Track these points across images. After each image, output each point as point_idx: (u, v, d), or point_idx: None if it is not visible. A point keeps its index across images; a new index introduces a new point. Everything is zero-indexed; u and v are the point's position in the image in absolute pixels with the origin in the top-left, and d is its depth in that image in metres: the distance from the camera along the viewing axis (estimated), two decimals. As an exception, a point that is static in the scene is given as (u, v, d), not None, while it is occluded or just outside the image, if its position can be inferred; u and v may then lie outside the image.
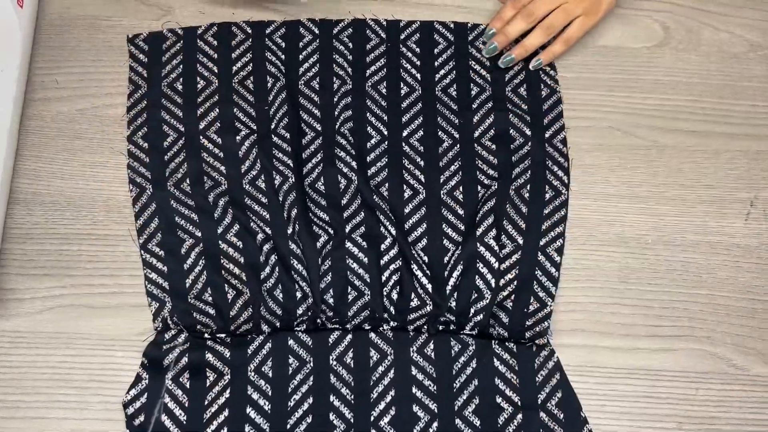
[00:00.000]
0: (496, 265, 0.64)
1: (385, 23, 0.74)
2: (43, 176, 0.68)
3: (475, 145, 0.69)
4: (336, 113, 0.70)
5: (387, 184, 0.68)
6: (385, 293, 0.64)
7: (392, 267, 0.65)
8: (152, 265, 0.65)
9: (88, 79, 0.72)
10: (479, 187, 0.68)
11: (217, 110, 0.70)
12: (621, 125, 0.71)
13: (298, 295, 0.63)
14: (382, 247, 0.65)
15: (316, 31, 0.73)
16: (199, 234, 0.65)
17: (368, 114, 0.70)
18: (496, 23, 0.72)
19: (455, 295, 0.64)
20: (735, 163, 0.70)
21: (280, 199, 0.66)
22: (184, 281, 0.64)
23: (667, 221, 0.67)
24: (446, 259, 0.65)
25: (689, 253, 0.66)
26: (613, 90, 0.72)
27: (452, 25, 0.74)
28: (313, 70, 0.72)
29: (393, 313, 0.63)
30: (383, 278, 0.64)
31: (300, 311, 0.63)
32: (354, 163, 0.68)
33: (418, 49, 0.73)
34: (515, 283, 0.64)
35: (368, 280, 0.64)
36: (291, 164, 0.67)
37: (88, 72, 0.72)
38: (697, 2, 0.76)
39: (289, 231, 0.65)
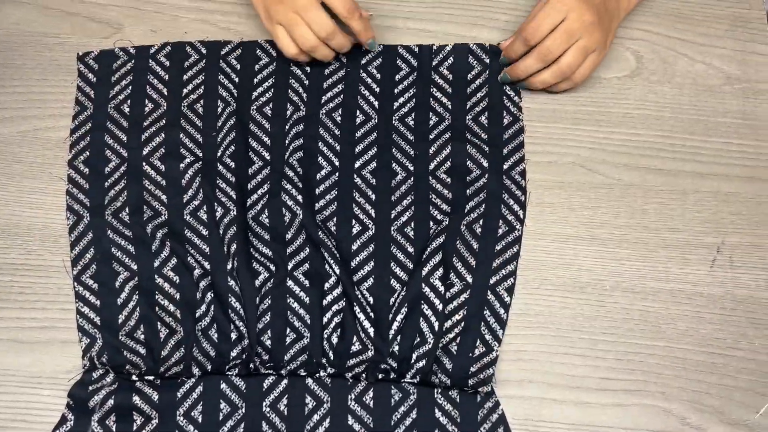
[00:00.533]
0: (440, 307, 0.61)
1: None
2: (-22, 202, 0.65)
3: (430, 177, 0.66)
4: (286, 142, 0.67)
5: (335, 218, 0.65)
6: (325, 336, 0.61)
7: (335, 308, 0.62)
8: (85, 299, 0.62)
9: (31, 100, 0.69)
10: (431, 223, 0.65)
11: (163, 135, 0.67)
12: (585, 161, 0.67)
13: (233, 335, 0.61)
14: (326, 286, 0.63)
15: (274, 54, 0.70)
16: (135, 267, 0.63)
17: (320, 143, 0.67)
18: (509, 54, 0.67)
19: (398, 339, 0.61)
20: (703, 205, 0.66)
21: (221, 231, 0.64)
22: (116, 316, 0.62)
23: (627, 266, 0.64)
24: (392, 300, 0.62)
25: (649, 301, 0.63)
26: (579, 123, 0.69)
27: (416, 49, 0.70)
28: (267, 95, 0.69)
29: (332, 358, 0.61)
30: (325, 320, 0.62)
31: (234, 353, 0.60)
32: (300, 197, 0.65)
33: (378, 75, 0.70)
34: (462, 324, 0.61)
35: (308, 322, 0.61)
36: (234, 196, 0.65)
37: (31, 92, 0.69)
38: (674, 30, 0.72)
39: (229, 266, 0.62)
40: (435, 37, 0.72)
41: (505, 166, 0.66)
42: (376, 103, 0.69)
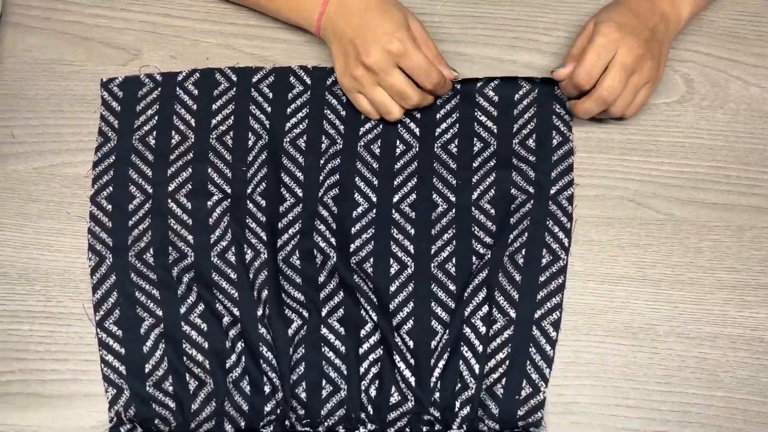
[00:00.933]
0: (480, 348, 0.58)
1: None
2: (-6, 244, 0.62)
3: (473, 208, 0.62)
4: (321, 177, 0.63)
5: (372, 259, 0.61)
6: (363, 387, 0.58)
7: (372, 357, 0.59)
8: (109, 346, 0.59)
9: (46, 133, 0.65)
10: (473, 258, 0.61)
11: (190, 170, 0.63)
12: (634, 195, 0.63)
13: (267, 388, 0.57)
14: (362, 333, 0.59)
15: (308, 81, 0.66)
16: (161, 313, 0.60)
17: (357, 178, 0.63)
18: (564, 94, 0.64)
19: (439, 385, 0.57)
20: (761, 243, 0.62)
21: (251, 276, 0.60)
22: (143, 365, 0.58)
23: (682, 309, 0.60)
24: (433, 343, 0.59)
25: (705, 347, 0.59)
26: (627, 153, 0.65)
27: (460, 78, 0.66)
28: (301, 126, 0.65)
29: (371, 412, 0.57)
30: (362, 370, 0.58)
31: (268, 408, 0.57)
32: (333, 239, 0.61)
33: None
34: (506, 363, 0.58)
35: (345, 373, 0.58)
36: (264, 237, 0.61)
37: (46, 125, 0.66)
38: (725, 51, 0.68)
39: (259, 313, 0.59)
40: (471, 60, 0.67)
41: (552, 191, 0.62)
42: (417, 131, 0.64)
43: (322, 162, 0.63)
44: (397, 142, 0.64)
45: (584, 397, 0.58)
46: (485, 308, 0.59)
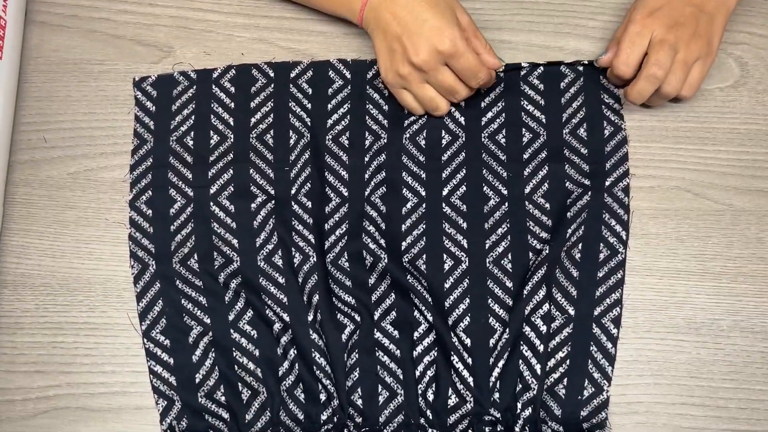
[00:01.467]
0: (540, 348, 0.56)
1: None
2: (32, 254, 0.60)
3: (526, 202, 0.60)
4: (366, 176, 0.61)
5: (425, 256, 0.59)
6: (420, 391, 0.56)
7: (426, 359, 0.57)
8: (157, 357, 0.57)
9: (79, 136, 0.63)
10: (530, 254, 0.59)
11: (231, 171, 0.61)
12: (691, 185, 0.61)
13: (322, 396, 0.56)
14: (416, 335, 0.57)
15: (348, 75, 0.64)
16: (208, 321, 0.58)
17: (404, 173, 0.61)
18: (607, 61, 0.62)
19: (498, 385, 0.56)
20: (824, 231, 0.60)
21: (300, 280, 0.58)
22: (193, 376, 0.57)
23: (745, 303, 0.58)
24: (492, 342, 0.57)
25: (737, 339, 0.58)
26: (681, 142, 0.62)
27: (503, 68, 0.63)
28: (343, 122, 0.62)
29: (430, 416, 0.56)
30: (417, 373, 0.57)
31: (324, 417, 0.56)
32: (382, 240, 0.59)
33: None
34: (567, 362, 0.56)
35: (401, 377, 0.57)
36: (312, 239, 0.59)
37: (79, 127, 0.63)
38: (779, 32, 0.65)
39: (310, 318, 0.57)
40: (516, 48, 0.65)
41: (607, 183, 0.60)
42: (462, 120, 0.62)
43: (367, 159, 0.61)
44: (443, 132, 0.62)
45: (648, 396, 0.57)
46: (546, 306, 0.57)
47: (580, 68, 0.63)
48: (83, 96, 0.64)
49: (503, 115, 0.62)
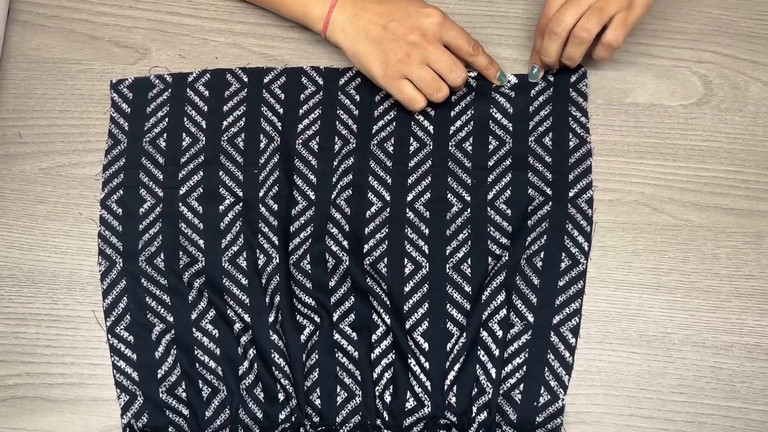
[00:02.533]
0: (497, 352, 0.57)
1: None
2: (1, 246, 0.61)
3: (488, 208, 0.61)
4: (334, 179, 0.62)
5: (386, 259, 0.60)
6: (377, 392, 0.57)
7: (384, 362, 0.58)
8: (120, 352, 0.58)
9: (53, 133, 0.65)
10: (489, 259, 0.60)
11: (201, 173, 0.62)
12: (650, 200, 0.62)
13: (281, 396, 0.57)
14: (374, 337, 0.58)
15: (320, 82, 0.65)
16: (171, 319, 0.59)
17: (370, 177, 0.62)
18: (534, 58, 0.64)
19: (454, 389, 0.56)
20: (780, 250, 0.61)
21: (263, 281, 0.59)
22: (155, 372, 0.58)
23: (698, 318, 0.59)
24: (449, 346, 0.58)
25: (721, 357, 0.58)
26: (643, 157, 0.63)
27: (473, 74, 0.65)
28: (313, 128, 0.64)
29: (386, 418, 0.56)
30: (375, 375, 0.57)
31: (283, 416, 0.56)
32: (345, 242, 0.60)
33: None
34: (524, 368, 0.57)
35: (359, 378, 0.57)
36: (276, 241, 0.60)
37: (54, 125, 0.65)
38: (746, 52, 0.66)
39: (270, 319, 0.58)
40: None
41: (570, 194, 0.61)
42: (431, 128, 0.63)
43: (335, 163, 0.62)
44: (411, 139, 0.63)
45: (597, 406, 0.57)
46: (503, 312, 0.58)
47: (551, 78, 0.64)
48: (59, 94, 0.66)
49: (471, 123, 0.63)
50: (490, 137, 0.63)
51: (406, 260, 0.60)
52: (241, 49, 0.67)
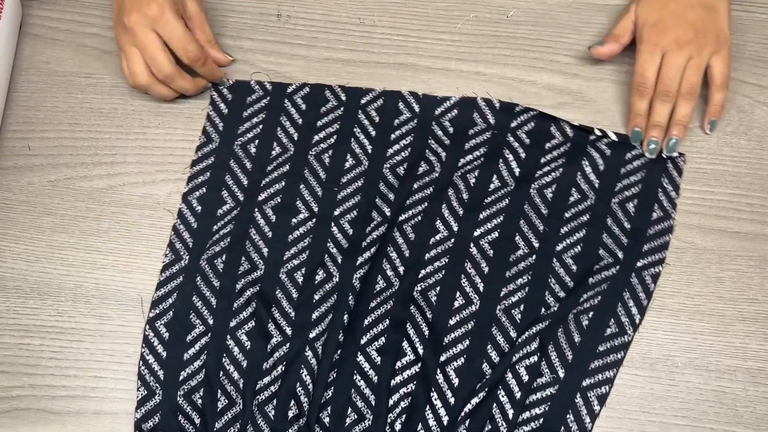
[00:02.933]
0: (518, 395, 0.56)
1: (497, 105, 0.65)
2: (7, 257, 0.62)
3: (554, 259, 0.60)
4: (407, 203, 0.62)
5: (438, 288, 0.59)
6: (389, 420, 0.57)
7: (403, 390, 0.57)
8: (152, 346, 0.59)
9: (62, 146, 0.65)
10: (543, 310, 0.59)
11: (283, 183, 0.63)
12: (654, 222, 0.62)
13: (291, 413, 0.57)
14: (398, 364, 0.58)
15: (416, 109, 0.65)
16: (212, 322, 0.59)
17: (444, 206, 0.61)
18: (637, 120, 0.63)
19: (467, 423, 0.56)
20: (785, 274, 0.61)
21: (315, 297, 0.59)
22: (179, 372, 0.58)
23: (701, 341, 0.59)
24: (478, 385, 0.57)
25: (725, 381, 0.58)
26: (648, 179, 0.63)
27: (575, 122, 0.64)
28: (403, 153, 0.64)
29: None
30: (391, 402, 0.57)
31: None
32: (402, 268, 0.60)
33: (527, 140, 0.63)
34: (540, 421, 0.56)
35: (373, 403, 0.57)
36: (341, 261, 0.60)
37: (63, 137, 0.66)
38: (751, 76, 0.66)
39: (311, 335, 0.58)
40: (489, 81, 0.67)
41: (639, 263, 0.59)
42: (517, 170, 0.63)
43: (415, 186, 0.62)
44: (494, 177, 0.62)
45: (599, 429, 0.57)
46: (533, 358, 0.57)
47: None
48: (69, 107, 0.66)
49: (558, 171, 0.62)
50: (573, 189, 0.62)
51: (458, 293, 0.59)
52: (250, 65, 0.67)
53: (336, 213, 0.62)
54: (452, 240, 0.60)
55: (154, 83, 0.62)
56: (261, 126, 0.64)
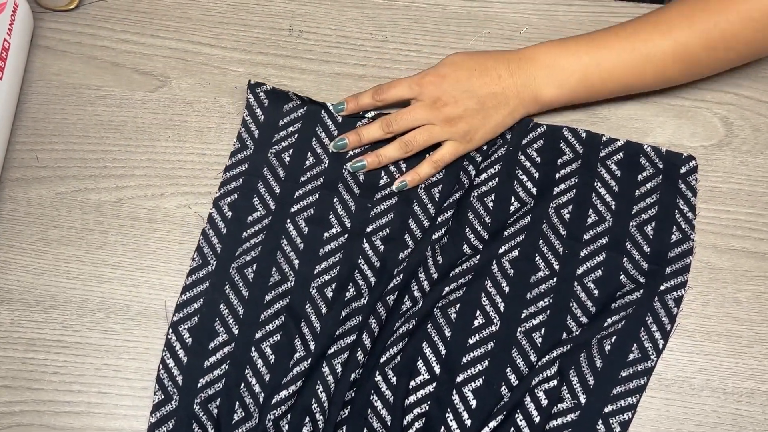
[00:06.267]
0: (537, 419, 0.55)
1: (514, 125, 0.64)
2: (13, 270, 0.61)
3: (575, 283, 0.59)
4: (438, 221, 0.61)
5: (458, 306, 0.58)
6: None
7: (417, 410, 0.56)
8: (174, 351, 0.57)
9: (71, 158, 0.65)
10: (564, 334, 0.58)
11: (317, 195, 0.62)
12: (669, 241, 0.61)
13: (305, 430, 0.55)
14: (412, 383, 0.57)
15: None
16: (236, 332, 0.58)
17: (467, 229, 0.61)
18: (351, 104, 0.64)
19: None
20: (802, 295, 0.60)
21: (343, 313, 0.58)
22: (198, 380, 0.57)
23: (718, 363, 0.58)
24: (496, 408, 0.56)
25: (742, 404, 0.57)
26: (662, 197, 0.63)
27: (583, 135, 0.64)
28: (437, 175, 0.63)
29: None
30: (405, 422, 0.56)
31: None
32: (427, 286, 0.59)
33: (538, 159, 0.63)
34: None
35: (388, 423, 0.56)
36: (373, 281, 0.59)
37: (71, 149, 0.65)
38: (766, 94, 0.66)
39: (330, 351, 0.57)
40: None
41: (662, 287, 0.59)
42: (533, 190, 0.62)
43: (443, 206, 0.62)
44: (512, 198, 0.62)
45: (614, 451, 0.56)
46: (553, 382, 0.56)
47: (660, 165, 0.63)
48: (78, 119, 0.66)
49: (574, 191, 0.62)
50: (590, 210, 0.61)
51: (478, 312, 0.58)
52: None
53: (369, 229, 0.61)
54: (476, 258, 0.60)
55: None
56: (296, 135, 0.64)
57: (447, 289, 0.59)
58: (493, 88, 0.61)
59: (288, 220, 0.61)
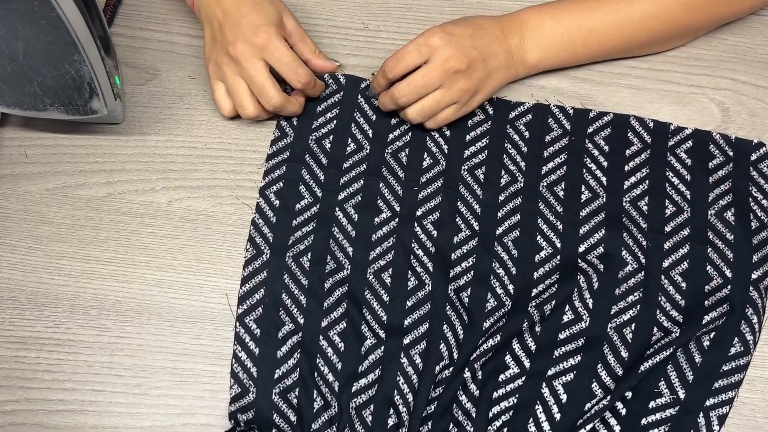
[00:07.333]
0: (623, 412, 0.54)
1: (571, 112, 0.64)
2: (3, 267, 0.60)
3: (662, 277, 0.58)
4: (499, 215, 0.60)
5: (553, 302, 0.57)
6: None
7: (504, 404, 0.55)
8: (244, 343, 0.57)
9: (60, 153, 0.64)
10: (655, 329, 0.56)
11: (362, 182, 0.62)
12: (667, 228, 0.61)
13: (390, 421, 0.54)
14: (501, 377, 0.56)
15: (490, 111, 0.64)
16: (302, 321, 0.58)
17: (540, 220, 0.60)
18: (374, 86, 0.63)
19: None
20: (802, 281, 0.59)
21: (408, 303, 0.58)
22: (274, 371, 0.56)
23: None
24: (587, 405, 0.55)
25: (744, 391, 0.56)
26: (660, 184, 0.62)
27: (651, 124, 0.63)
28: (480, 156, 0.62)
29: None
30: (491, 414, 0.55)
31: None
32: (511, 287, 0.58)
33: (606, 147, 0.62)
34: None
35: (474, 416, 0.55)
36: (431, 268, 0.58)
37: (61, 145, 0.64)
38: (762, 79, 0.65)
39: (405, 341, 0.56)
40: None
41: (753, 276, 0.57)
42: (603, 179, 0.61)
43: (501, 198, 0.61)
44: (583, 187, 0.61)
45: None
46: (649, 384, 0.55)
47: (730, 153, 0.62)
48: (67, 114, 0.65)
49: (647, 182, 0.61)
50: (667, 201, 0.60)
51: (567, 308, 0.57)
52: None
53: (419, 213, 0.60)
54: (558, 257, 0.59)
55: (263, 114, 0.61)
56: (335, 122, 0.64)
57: (535, 291, 0.58)
58: (494, 48, 0.60)
59: (337, 208, 0.61)
